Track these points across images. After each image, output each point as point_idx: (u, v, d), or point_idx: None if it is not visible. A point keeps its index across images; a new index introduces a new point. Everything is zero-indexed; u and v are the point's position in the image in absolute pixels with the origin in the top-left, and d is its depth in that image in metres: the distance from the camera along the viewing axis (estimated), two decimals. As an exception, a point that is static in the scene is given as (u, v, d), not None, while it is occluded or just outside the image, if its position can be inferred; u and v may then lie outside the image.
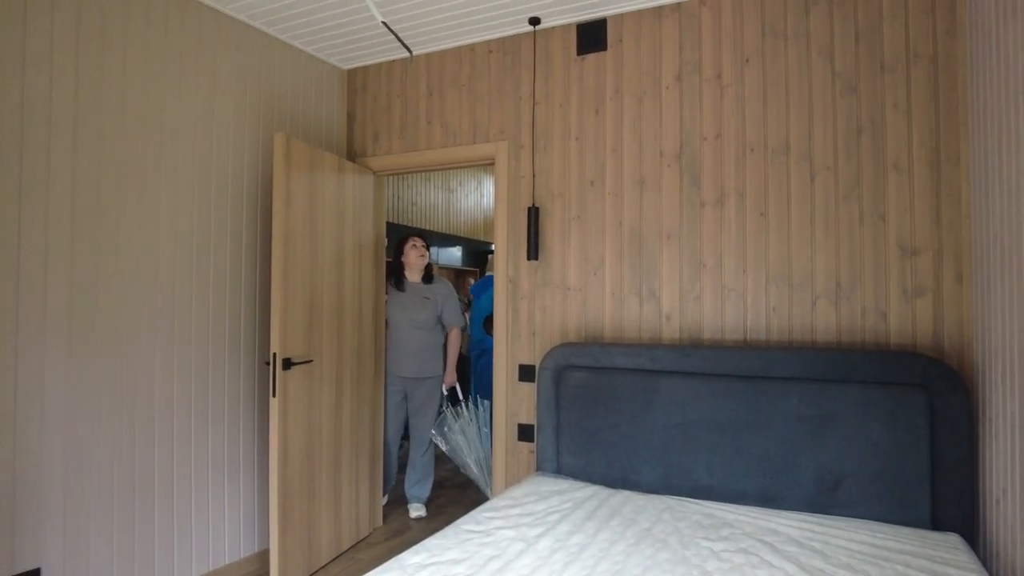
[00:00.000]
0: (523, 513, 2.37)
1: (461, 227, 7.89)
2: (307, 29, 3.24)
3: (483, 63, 3.37)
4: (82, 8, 2.47)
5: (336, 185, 3.25)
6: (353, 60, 3.67)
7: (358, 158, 3.72)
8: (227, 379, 3.03)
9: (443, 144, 3.47)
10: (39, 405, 2.32)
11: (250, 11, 3.04)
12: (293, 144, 2.91)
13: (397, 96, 3.63)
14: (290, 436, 2.87)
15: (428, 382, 3.99)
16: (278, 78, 3.33)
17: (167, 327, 2.76)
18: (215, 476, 2.96)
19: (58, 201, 2.38)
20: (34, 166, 2.32)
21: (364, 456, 3.50)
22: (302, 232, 2.97)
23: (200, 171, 2.91)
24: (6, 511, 2.22)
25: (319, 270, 3.09)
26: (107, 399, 2.53)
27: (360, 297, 3.46)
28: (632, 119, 2.99)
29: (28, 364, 2.29)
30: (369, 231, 3.57)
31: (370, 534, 3.61)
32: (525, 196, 3.21)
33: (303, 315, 2.97)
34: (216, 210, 2.99)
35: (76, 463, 2.43)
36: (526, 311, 3.20)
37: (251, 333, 3.15)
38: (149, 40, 2.70)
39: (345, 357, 3.31)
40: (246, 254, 3.13)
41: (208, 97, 2.96)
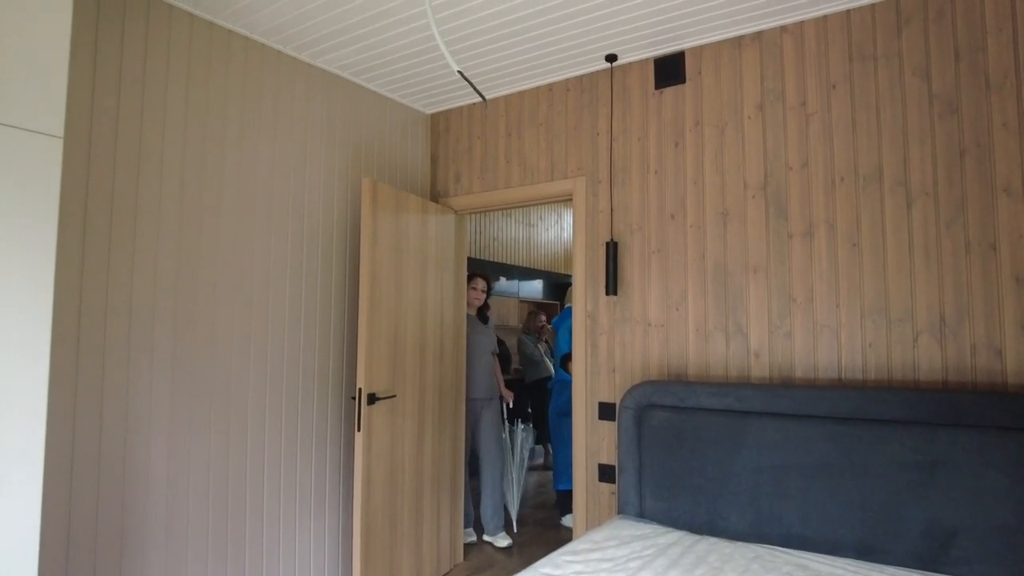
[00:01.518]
0: (603, 558, 2.30)
1: (541, 261, 7.93)
2: (392, 77, 3.39)
3: (560, 101, 3.41)
4: (191, 68, 2.69)
5: (420, 224, 3.35)
6: (435, 104, 3.80)
7: (440, 198, 3.83)
8: (315, 413, 3.14)
9: (522, 182, 3.52)
10: (146, 439, 2.48)
11: (340, 63, 3.22)
12: (379, 187, 3.04)
13: (478, 137, 3.72)
14: (373, 470, 2.93)
15: (494, 402, 4.29)
16: (365, 124, 3.49)
17: (260, 361, 2.90)
18: (302, 507, 3.06)
19: (166, 240, 2.58)
20: (147, 211, 2.52)
21: (445, 491, 3.52)
22: (387, 271, 3.07)
23: (293, 213, 3.08)
24: (116, 535, 2.37)
25: (403, 307, 3.18)
26: (205, 431, 2.68)
27: (441, 333, 3.53)
28: (714, 151, 2.93)
29: (137, 403, 2.46)
30: (451, 268, 3.65)
31: (450, 570, 3.61)
32: (603, 231, 3.20)
33: (387, 351, 3.05)
34: (307, 249, 3.14)
35: (176, 491, 2.57)
36: (605, 347, 3.15)
37: (339, 368, 3.27)
38: (247, 93, 2.91)
39: (427, 392, 3.36)
40: (335, 291, 3.27)
41: (301, 143, 3.14)
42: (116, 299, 2.42)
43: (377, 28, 2.85)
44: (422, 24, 2.81)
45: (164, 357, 2.55)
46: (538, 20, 2.78)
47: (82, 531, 2.29)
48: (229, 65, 2.85)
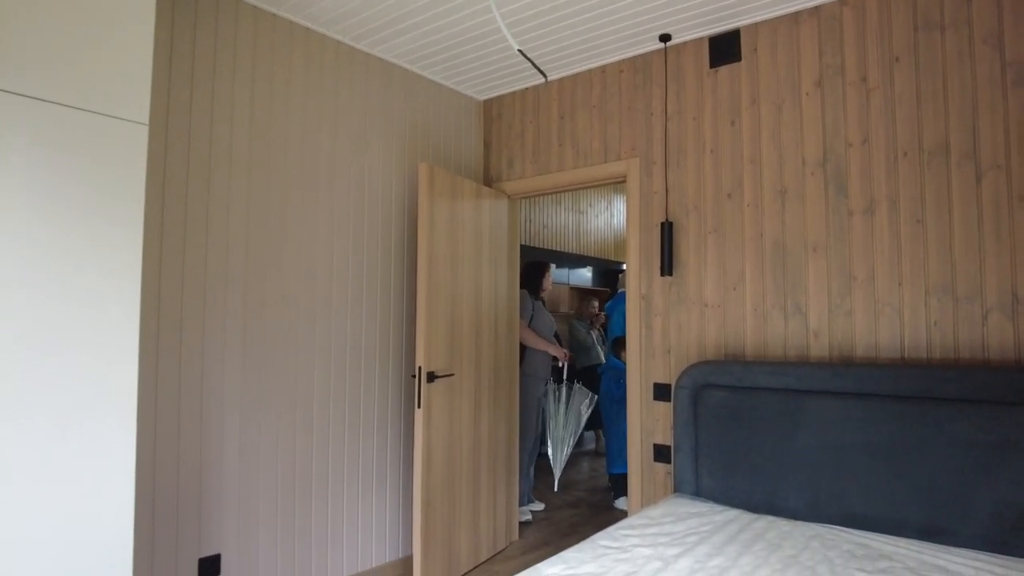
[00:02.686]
0: (660, 533, 2.33)
1: (591, 247, 7.91)
2: (447, 64, 3.45)
3: (613, 83, 3.41)
4: (256, 59, 2.81)
5: (474, 209, 3.42)
6: (488, 91, 3.85)
7: (494, 183, 3.88)
8: (376, 391, 3.25)
9: (575, 165, 3.54)
10: (219, 411, 2.62)
11: (396, 51, 3.30)
12: (436, 172, 3.11)
13: (530, 122, 3.76)
14: (433, 446, 3.02)
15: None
16: (421, 111, 3.57)
17: (325, 340, 3.02)
18: (364, 482, 3.18)
19: (236, 227, 2.71)
20: (218, 199, 2.65)
21: (501, 469, 3.60)
22: (444, 254, 3.14)
23: (354, 199, 3.18)
24: (194, 503, 2.52)
25: (459, 290, 3.25)
26: (273, 407, 2.81)
27: (496, 314, 3.59)
28: (771, 128, 2.89)
29: (212, 375, 2.60)
30: (504, 252, 3.71)
31: (506, 547, 3.68)
32: (658, 211, 3.20)
33: (445, 332, 3.13)
34: (367, 233, 3.24)
35: (247, 463, 2.71)
36: (660, 328, 3.16)
37: (398, 347, 3.37)
38: (309, 83, 3.01)
39: (483, 372, 3.44)
40: (394, 274, 3.36)
41: (360, 131, 3.23)
42: (191, 281, 2.56)
43: (432, 15, 2.91)
44: (477, 9, 2.85)
45: (236, 337, 2.69)
46: (592, 1, 2.79)
47: (165, 496, 2.44)
48: (292, 56, 2.95)
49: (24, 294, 1.61)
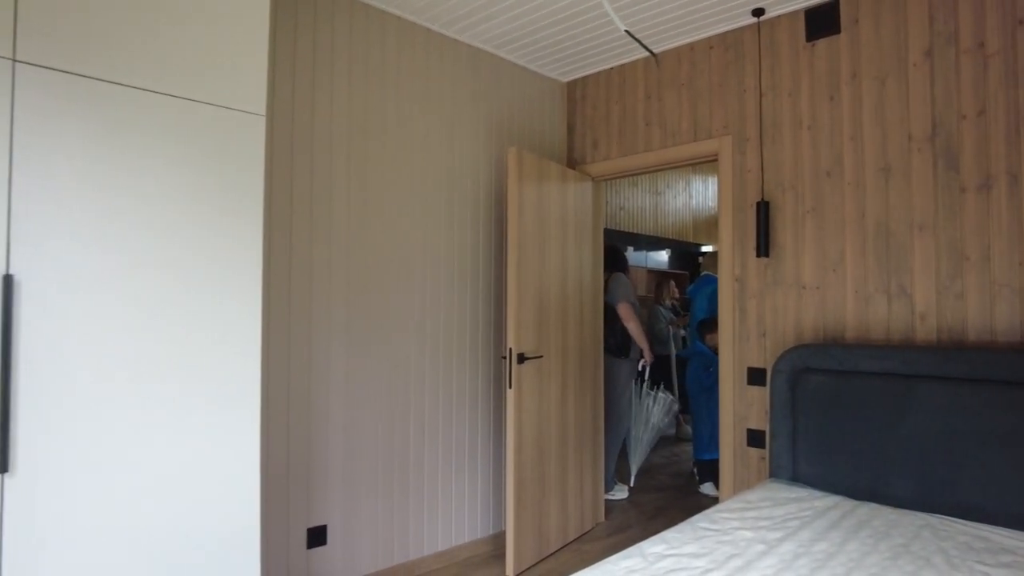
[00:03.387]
0: (759, 517, 2.30)
1: (669, 229, 7.78)
2: (531, 48, 3.46)
3: (703, 60, 3.33)
4: (352, 50, 2.89)
5: (559, 192, 3.43)
6: (572, 72, 3.83)
7: (578, 165, 3.87)
8: (467, 372, 3.33)
9: (662, 145, 3.49)
10: (325, 391, 2.76)
11: (483, 37, 3.33)
12: (524, 156, 3.13)
13: (615, 102, 3.72)
14: (523, 426, 3.07)
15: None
16: (506, 95, 3.59)
17: (419, 325, 3.11)
18: (457, 460, 3.27)
19: (339, 214, 2.82)
20: (321, 189, 2.77)
21: (587, 451, 3.63)
22: (532, 237, 3.17)
23: (445, 184, 3.25)
24: (304, 476, 2.67)
25: (546, 272, 3.28)
26: (373, 388, 2.93)
27: (581, 298, 3.60)
28: (873, 103, 2.77)
29: (318, 359, 2.73)
30: (588, 235, 3.70)
31: (593, 528, 3.72)
32: (752, 191, 3.12)
33: (533, 314, 3.17)
34: (458, 218, 3.31)
35: (351, 440, 2.84)
36: (755, 311, 3.09)
37: (487, 330, 3.44)
38: (401, 71, 3.09)
39: (569, 355, 3.46)
40: (482, 257, 3.43)
41: (450, 118, 3.29)
42: (297, 269, 2.68)
43: (512, 3, 2.92)
44: (566, -9, 2.84)
45: (339, 322, 2.81)
46: (685, -23, 2.73)
47: (277, 470, 2.59)
48: (385, 45, 3.03)
49: (156, 280, 1.74)
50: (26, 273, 1.53)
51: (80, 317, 1.61)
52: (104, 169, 1.65)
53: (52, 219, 1.57)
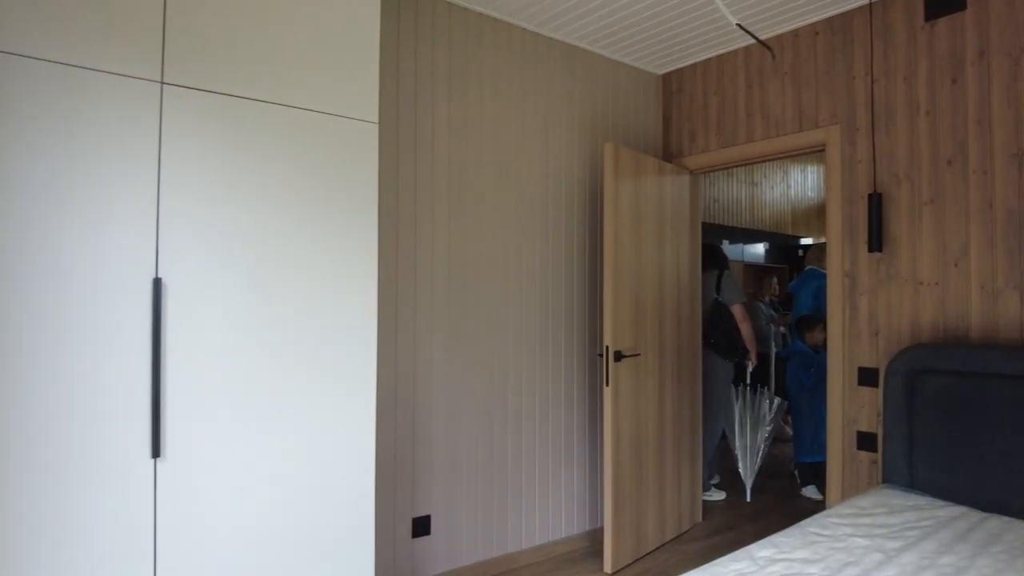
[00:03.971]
0: (874, 524, 2.20)
1: (766, 221, 7.49)
2: (626, 42, 3.42)
3: (808, 47, 3.19)
4: (452, 52, 2.97)
5: (656, 186, 3.38)
6: (667, 64, 3.77)
7: (674, 158, 3.81)
8: (563, 369, 3.35)
9: (765, 136, 3.37)
10: (429, 386, 2.85)
11: (577, 33, 3.33)
12: (620, 151, 3.11)
13: (713, 93, 3.63)
14: (621, 424, 3.07)
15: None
16: (600, 89, 3.58)
17: (516, 322, 3.16)
18: (553, 456, 3.30)
19: (440, 216, 2.91)
20: (424, 190, 2.86)
21: (685, 449, 3.57)
22: (628, 234, 3.15)
23: (539, 183, 3.28)
24: (409, 467, 2.78)
25: (643, 269, 3.25)
26: (473, 382, 3.00)
27: (679, 294, 3.54)
28: (1003, 84, 2.56)
29: (422, 355, 2.83)
30: (686, 230, 3.63)
31: (690, 528, 3.66)
32: (863, 182, 2.96)
33: (630, 312, 3.15)
34: (552, 216, 3.33)
35: (452, 436, 2.93)
36: (867, 308, 2.94)
37: (583, 327, 3.45)
38: (498, 71, 3.14)
39: (667, 353, 3.42)
40: (576, 252, 3.43)
41: (544, 113, 3.32)
42: (404, 267, 2.79)
43: (618, -7, 2.90)
44: (665, -17, 2.80)
45: (442, 318, 2.90)
46: (791, -39, 2.62)
47: (384, 462, 2.71)
48: (482, 46, 3.09)
49: (282, 279, 1.86)
50: (171, 276, 1.68)
51: (217, 314, 1.75)
52: (235, 177, 1.78)
53: (192, 226, 1.72)
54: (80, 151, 1.57)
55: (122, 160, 1.62)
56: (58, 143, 1.54)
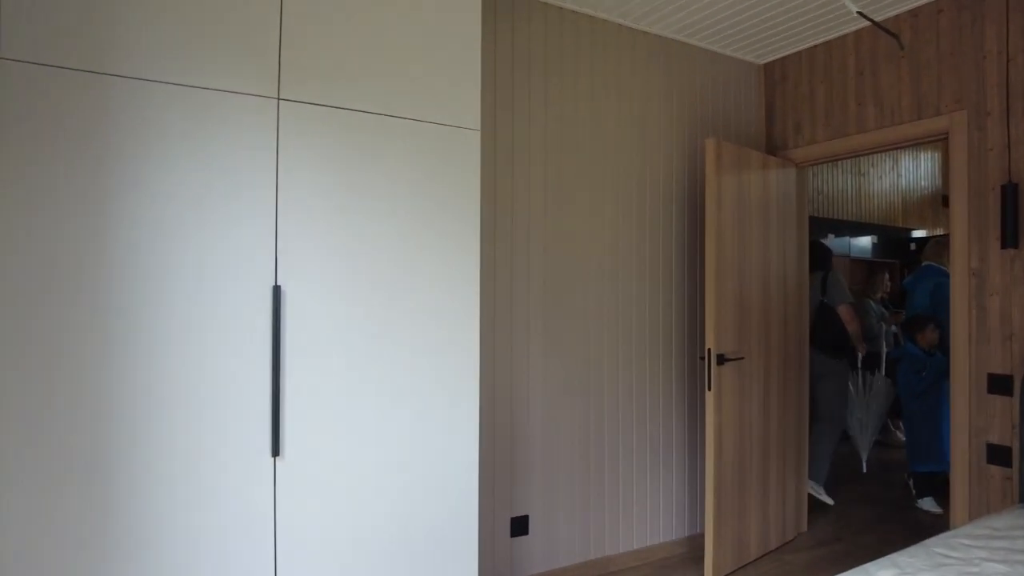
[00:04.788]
0: (1012, 548, 2.02)
1: (874, 214, 7.04)
2: (725, 32, 3.29)
3: (928, 27, 2.96)
4: (548, 52, 2.95)
5: (760, 181, 3.24)
6: (769, 53, 3.60)
7: (779, 151, 3.63)
8: (662, 371, 3.28)
9: (878, 125, 3.16)
10: (526, 392, 2.86)
11: (674, 27, 3.23)
12: (722, 146, 3.00)
13: (820, 82, 3.43)
14: (723, 429, 2.97)
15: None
16: (698, 82, 3.47)
17: (613, 323, 3.12)
18: (652, 460, 3.24)
19: (536, 219, 2.90)
20: (521, 194, 2.87)
21: (791, 457, 3.42)
22: (731, 231, 3.04)
23: (637, 180, 3.22)
24: (507, 469, 2.80)
25: (746, 268, 3.13)
26: (570, 386, 2.99)
27: (785, 294, 3.39)
28: None
29: (519, 356, 2.85)
30: (791, 226, 3.47)
31: (795, 538, 3.50)
32: (995, 172, 2.72)
33: (733, 312, 3.03)
34: (650, 213, 3.26)
35: (549, 438, 2.93)
36: (997, 310, 2.70)
37: (681, 328, 3.36)
38: (594, 69, 3.09)
39: (772, 355, 3.27)
40: (676, 253, 3.35)
41: (641, 107, 3.25)
42: (501, 271, 2.81)
43: (720, -17, 2.80)
44: (770, -31, 2.67)
45: (538, 322, 2.90)
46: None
47: (484, 462, 2.74)
48: (578, 43, 3.05)
49: (391, 284, 1.91)
50: (289, 283, 1.76)
51: (331, 320, 1.82)
52: (346, 186, 1.85)
53: (307, 235, 1.79)
54: (205, 168, 1.67)
55: (243, 174, 1.71)
56: (185, 161, 1.65)
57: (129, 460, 1.58)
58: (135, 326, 1.58)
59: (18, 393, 1.46)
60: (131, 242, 1.59)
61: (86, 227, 1.54)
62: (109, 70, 1.57)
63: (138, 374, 1.59)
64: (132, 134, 1.59)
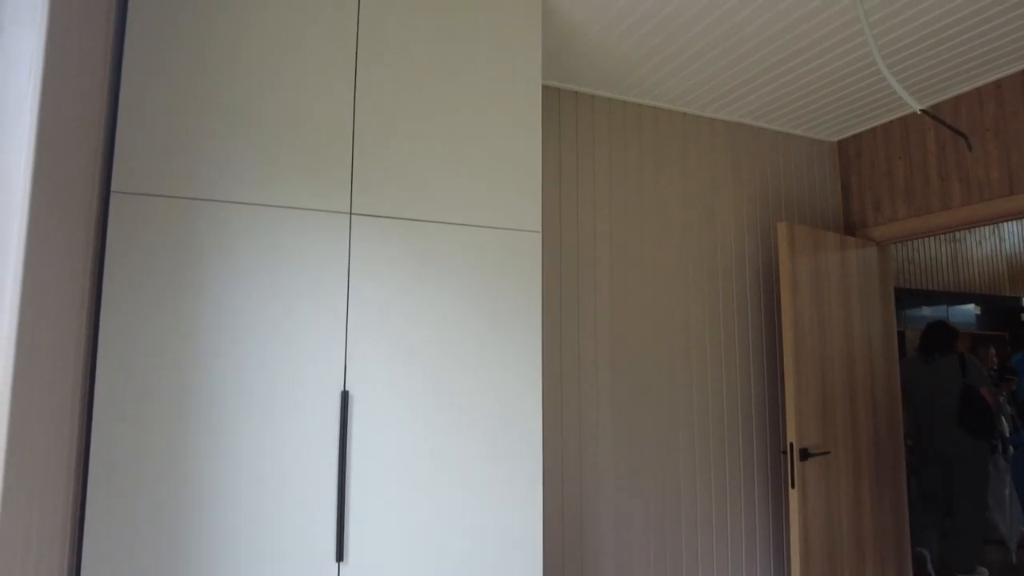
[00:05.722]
0: None
1: (975, 281, 6.59)
2: (795, 114, 3.27)
3: (1015, 99, 2.83)
4: (612, 144, 3.01)
5: (838, 263, 3.12)
6: (843, 131, 3.53)
7: (857, 230, 3.51)
8: (742, 464, 3.12)
9: (964, 202, 3.00)
10: (595, 481, 2.79)
11: (741, 112, 3.24)
12: (795, 229, 2.93)
13: (899, 158, 3.32)
14: (810, 530, 2.77)
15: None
16: (769, 163, 3.43)
17: (686, 411, 3.02)
18: (733, 560, 3.04)
19: (602, 309, 2.90)
20: (586, 279, 2.88)
21: (890, 558, 3.13)
22: (808, 316, 2.92)
23: (706, 266, 3.17)
24: (576, 565, 2.70)
25: (828, 354, 2.98)
26: (642, 477, 2.89)
27: (873, 380, 3.19)
28: None
29: (587, 448, 2.79)
30: (876, 306, 3.29)
31: (904, 652, 3.16)
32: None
33: (816, 403, 2.88)
34: (723, 300, 3.19)
35: (621, 530, 2.81)
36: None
37: (762, 419, 3.21)
38: (658, 158, 3.12)
39: (861, 447, 3.06)
40: (752, 340, 3.23)
41: (708, 196, 3.23)
42: (568, 361, 2.80)
43: (777, 74, 2.80)
44: (824, 60, 2.65)
45: (606, 413, 2.85)
46: (993, 11, 2.37)
47: (552, 555, 2.66)
48: (641, 134, 3.10)
49: (451, 380, 1.94)
50: (356, 388, 1.82)
51: (396, 423, 1.86)
52: (412, 291, 1.92)
53: (374, 340, 1.86)
54: (283, 280, 1.78)
55: (317, 286, 1.81)
56: (265, 274, 1.76)
57: (196, 563, 1.63)
58: (216, 427, 1.67)
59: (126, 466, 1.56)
60: (215, 348, 1.69)
61: (179, 333, 1.66)
62: (199, 195, 1.72)
63: (216, 474, 1.66)
64: (218, 250, 1.73)
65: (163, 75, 1.74)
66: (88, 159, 1.56)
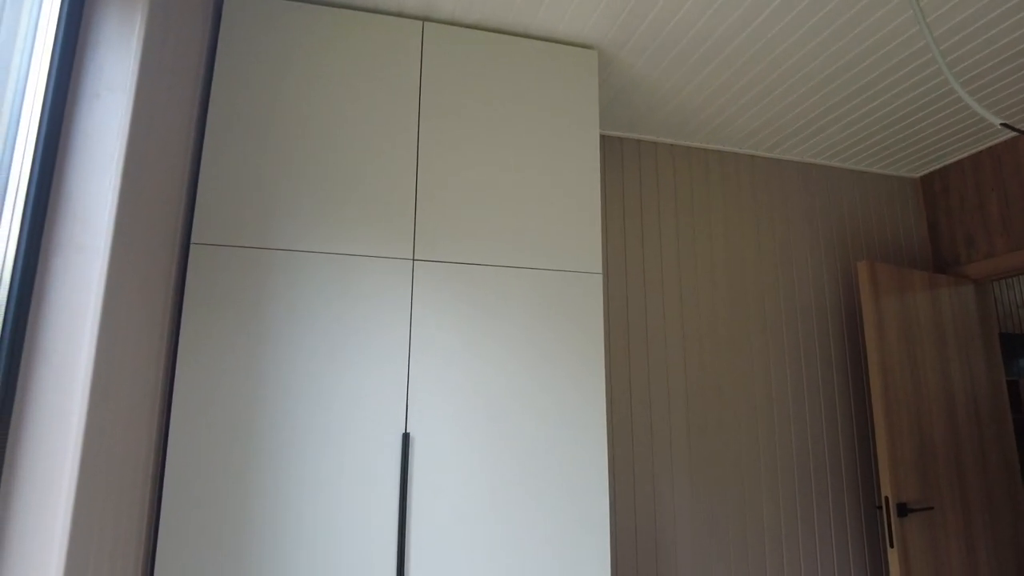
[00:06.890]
0: None
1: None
2: (871, 151, 3.16)
3: (1118, 122, 2.63)
4: (678, 188, 2.99)
5: (929, 303, 2.92)
6: (925, 166, 3.36)
7: (949, 268, 3.29)
8: (832, 521, 2.89)
9: (1071, 233, 2.77)
10: (671, 533, 2.65)
11: (812, 151, 3.16)
12: (877, 268, 2.78)
13: (991, 189, 3.12)
14: (916, 595, 2.50)
15: None
16: (845, 204, 3.30)
17: (769, 463, 2.85)
18: (831, 627, 2.79)
19: (674, 354, 2.82)
20: (655, 332, 2.82)
21: (1018, 635, 2.77)
22: (899, 360, 2.73)
23: (783, 310, 3.04)
24: (655, 628, 2.54)
25: (923, 400, 2.76)
26: (722, 532, 2.72)
27: (980, 427, 2.91)
28: None
29: (662, 497, 2.67)
30: (978, 349, 3.04)
31: None
32: None
33: (912, 453, 2.65)
34: (804, 345, 3.03)
35: (704, 592, 2.64)
36: None
37: (853, 471, 2.98)
38: (728, 201, 3.07)
39: (972, 501, 2.78)
40: (839, 388, 3.04)
41: (782, 239, 3.13)
42: (638, 406, 2.72)
43: (846, 111, 2.73)
44: (895, 92, 2.56)
45: (682, 461, 2.73)
46: (1071, 35, 2.25)
47: (629, 619, 2.52)
48: (708, 177, 3.07)
49: (514, 425, 1.92)
50: (417, 429, 1.83)
51: (457, 466, 1.84)
52: (473, 334, 1.94)
53: (436, 382, 1.87)
54: (347, 326, 1.84)
55: (380, 331, 1.86)
56: (332, 319, 1.83)
57: (268, 607, 1.65)
58: (281, 467, 1.71)
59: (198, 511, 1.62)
60: (285, 390, 1.76)
61: (251, 375, 1.74)
62: (269, 245, 1.83)
63: (278, 515, 1.69)
64: (288, 297, 1.81)
65: (241, 134, 1.89)
66: (171, 213, 1.70)
